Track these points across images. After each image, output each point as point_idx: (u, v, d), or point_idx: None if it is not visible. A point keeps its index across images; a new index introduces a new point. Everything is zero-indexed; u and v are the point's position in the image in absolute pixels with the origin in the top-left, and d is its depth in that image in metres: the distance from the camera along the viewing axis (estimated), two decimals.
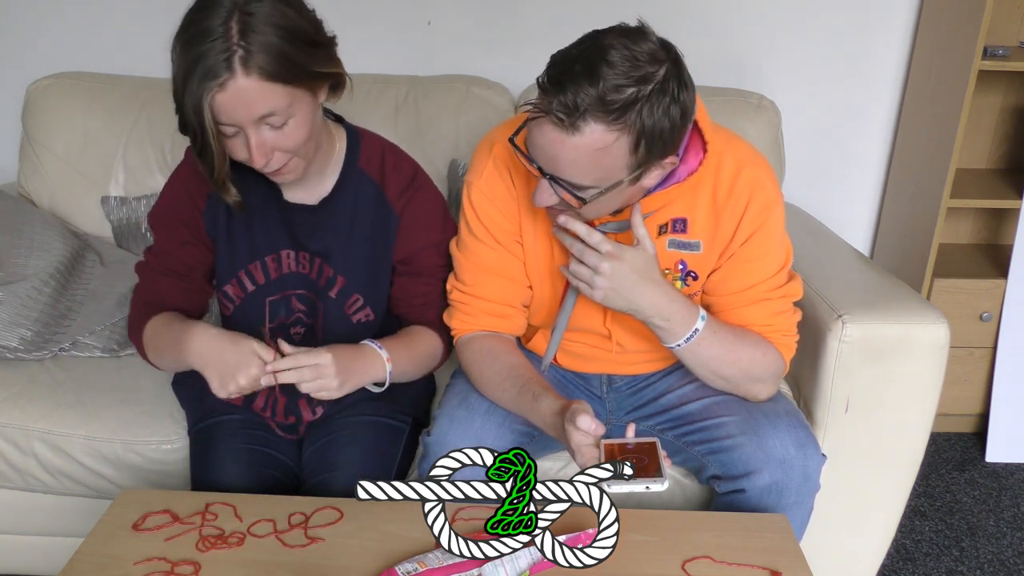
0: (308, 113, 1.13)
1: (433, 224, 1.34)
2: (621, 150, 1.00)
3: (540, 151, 1.04)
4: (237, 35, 1.03)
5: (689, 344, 1.17)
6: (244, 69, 1.03)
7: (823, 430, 1.44)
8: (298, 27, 1.07)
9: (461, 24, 2.10)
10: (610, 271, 1.10)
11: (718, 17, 2.09)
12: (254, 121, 1.07)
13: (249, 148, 1.10)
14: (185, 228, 1.29)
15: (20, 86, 1.93)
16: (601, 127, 0.98)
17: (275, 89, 1.06)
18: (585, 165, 1.01)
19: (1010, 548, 1.85)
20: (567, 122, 0.98)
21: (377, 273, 1.33)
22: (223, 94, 1.04)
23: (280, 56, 1.05)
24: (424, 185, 1.34)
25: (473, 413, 1.25)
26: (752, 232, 1.19)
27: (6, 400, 1.47)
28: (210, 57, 1.02)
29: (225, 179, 1.15)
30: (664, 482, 0.96)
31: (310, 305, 1.33)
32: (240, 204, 1.21)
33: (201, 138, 1.07)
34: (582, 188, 1.04)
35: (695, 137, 1.16)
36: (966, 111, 1.90)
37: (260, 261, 1.30)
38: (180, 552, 1.04)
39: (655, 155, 1.03)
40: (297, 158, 1.16)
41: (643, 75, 0.97)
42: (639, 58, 0.98)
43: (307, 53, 1.08)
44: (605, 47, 0.98)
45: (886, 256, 2.26)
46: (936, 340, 1.39)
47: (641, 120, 0.98)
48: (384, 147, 1.33)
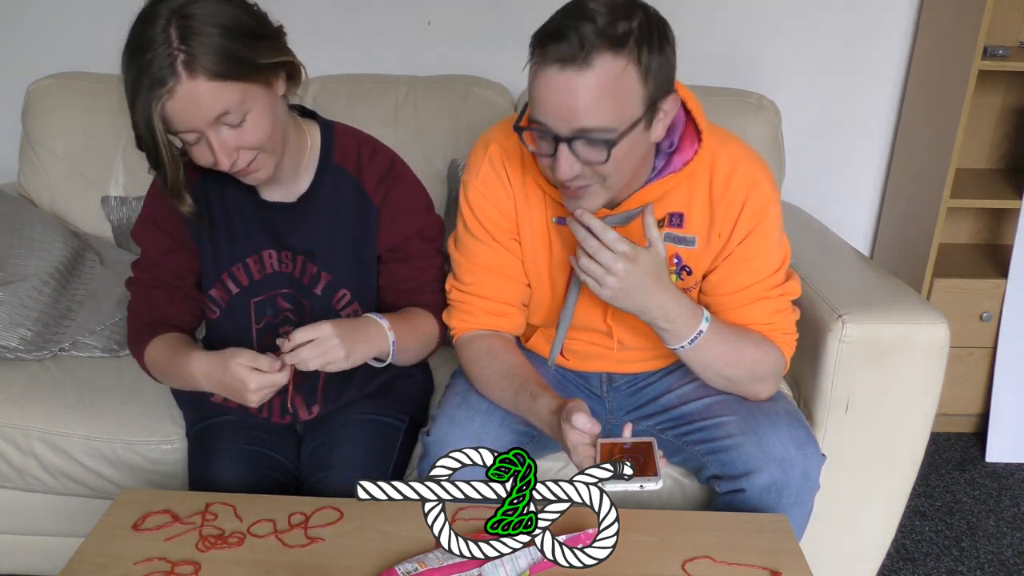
0: (266, 106, 1.12)
1: (415, 211, 1.33)
2: (633, 78, 1.01)
3: (553, 106, 1.02)
4: (177, 40, 1.02)
5: (693, 346, 1.17)
6: (189, 72, 1.03)
7: (823, 430, 1.44)
8: (238, 22, 1.07)
9: (461, 24, 2.10)
10: (624, 272, 1.09)
11: (718, 17, 2.09)
12: (210, 123, 1.07)
13: (212, 150, 1.09)
14: (169, 237, 1.30)
15: (20, 86, 1.93)
16: (609, 55, 0.99)
17: (224, 87, 1.06)
18: (604, 101, 1.01)
19: (1010, 548, 1.85)
20: (579, 57, 0.99)
21: (362, 266, 1.32)
22: (173, 101, 1.04)
23: (223, 54, 1.04)
24: (402, 173, 1.33)
25: (473, 413, 1.25)
26: (749, 231, 1.19)
27: (6, 400, 1.47)
28: (154, 66, 1.02)
29: (181, 189, 1.15)
30: (659, 481, 0.95)
31: (296, 303, 1.32)
32: (196, 214, 1.21)
33: (153, 150, 1.07)
34: (605, 131, 1.03)
35: (689, 128, 1.17)
36: (966, 111, 1.90)
37: (242, 263, 1.30)
38: (180, 552, 1.04)
39: (661, 89, 1.05)
40: (264, 154, 1.15)
41: (627, 13, 1.01)
42: (617, 3, 1.02)
43: (250, 47, 1.08)
44: (581, 2, 1.02)
45: (886, 256, 2.26)
46: (936, 340, 1.39)
47: (641, 48, 1.01)
48: (359, 139, 1.33)
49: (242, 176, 1.17)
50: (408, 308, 1.34)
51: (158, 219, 1.30)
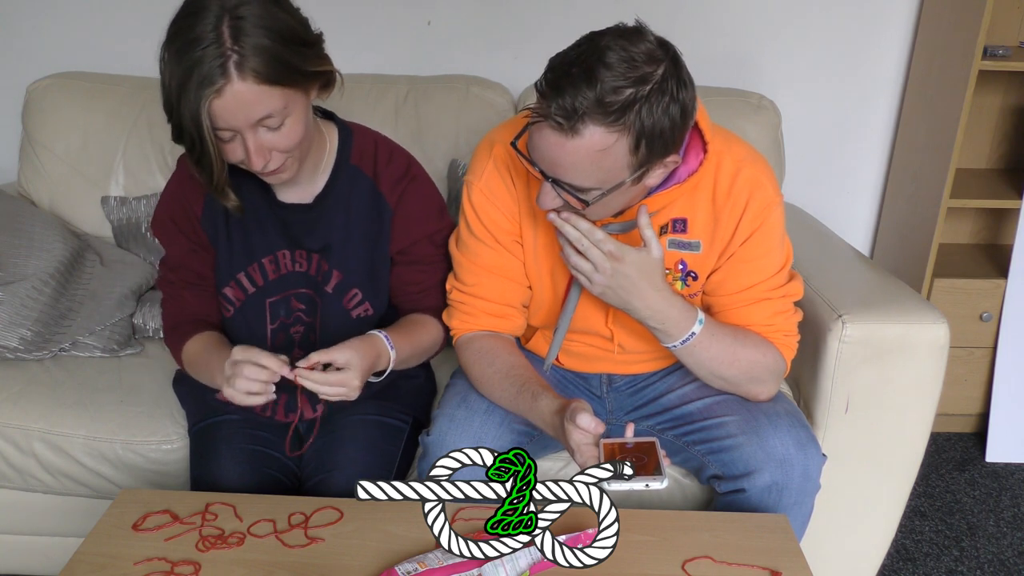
0: (303, 112, 1.13)
1: (428, 215, 1.34)
2: (621, 151, 1.00)
3: (541, 155, 1.04)
4: (230, 39, 1.02)
5: (685, 346, 1.18)
6: (240, 74, 1.03)
7: (823, 430, 1.44)
8: (288, 27, 1.07)
9: (461, 24, 2.10)
10: (611, 271, 1.10)
11: (718, 17, 2.09)
12: (251, 125, 1.08)
13: (247, 151, 1.10)
14: (186, 238, 1.31)
15: (20, 86, 1.93)
16: (600, 129, 0.98)
17: (271, 92, 1.06)
18: (586, 168, 1.01)
19: (1010, 548, 1.85)
20: (566, 126, 0.98)
21: (374, 267, 1.32)
22: (220, 100, 1.04)
23: (274, 58, 1.05)
24: (417, 176, 1.34)
25: (473, 413, 1.25)
26: (752, 232, 1.19)
27: (6, 400, 1.47)
28: (205, 64, 1.01)
29: (225, 185, 1.15)
30: (664, 480, 0.96)
31: (309, 303, 1.33)
32: (240, 208, 1.22)
33: (200, 146, 1.07)
34: (584, 190, 1.04)
35: (695, 138, 1.16)
36: (966, 111, 1.90)
37: (258, 263, 1.30)
38: (180, 552, 1.04)
39: (656, 154, 1.03)
40: (292, 157, 1.16)
41: (641, 75, 0.97)
42: (636, 59, 0.97)
43: (299, 53, 1.08)
44: (602, 49, 0.97)
45: (886, 256, 2.26)
46: (936, 340, 1.39)
47: (640, 120, 0.98)
48: (377, 141, 1.33)
49: (267, 177, 1.18)
50: (412, 316, 1.35)
51: (177, 219, 1.31)
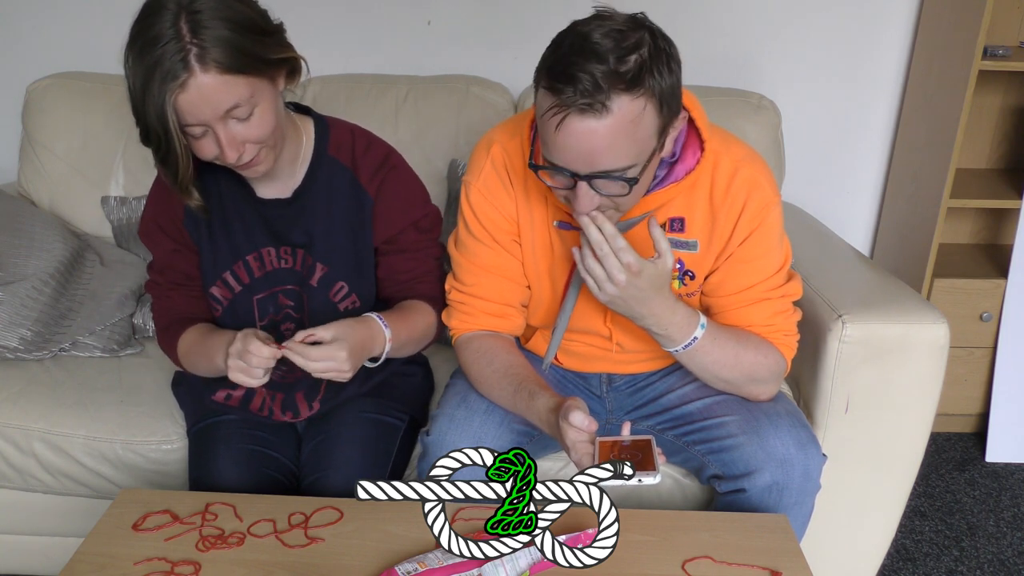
0: (271, 101, 1.13)
1: (411, 203, 1.34)
2: (651, 116, 1.00)
3: (574, 151, 1.01)
4: (189, 34, 1.03)
5: (687, 350, 1.18)
6: (201, 66, 1.04)
7: (823, 430, 1.44)
8: (246, 17, 1.08)
9: (461, 24, 2.10)
10: (625, 283, 1.08)
11: (718, 17, 2.09)
12: (220, 116, 1.08)
13: (220, 144, 1.10)
14: (171, 239, 1.31)
15: (20, 86, 1.93)
16: (627, 98, 0.97)
17: (235, 81, 1.07)
18: (623, 144, 1.00)
19: (1010, 548, 1.85)
20: (596, 105, 0.96)
21: (358, 259, 1.32)
22: (185, 94, 1.04)
23: (234, 48, 1.05)
24: (396, 165, 1.34)
25: (472, 413, 1.25)
26: (750, 232, 1.19)
27: (6, 400, 1.47)
28: (165, 60, 1.02)
29: (189, 184, 1.16)
30: (656, 476, 0.96)
31: (297, 299, 1.33)
32: (204, 208, 1.22)
33: (165, 143, 1.08)
34: (624, 170, 1.02)
35: (692, 136, 1.16)
36: (966, 111, 1.90)
37: (242, 261, 1.31)
38: (180, 552, 1.04)
39: (674, 113, 1.04)
40: (267, 148, 1.16)
41: (634, 42, 0.98)
42: (622, 29, 0.98)
43: (259, 42, 1.09)
44: (586, 33, 0.98)
45: (886, 256, 2.26)
46: (936, 340, 1.39)
47: (656, 82, 0.98)
48: (354, 132, 1.34)
49: (244, 170, 1.18)
50: (407, 302, 1.35)
51: (160, 221, 1.31)
